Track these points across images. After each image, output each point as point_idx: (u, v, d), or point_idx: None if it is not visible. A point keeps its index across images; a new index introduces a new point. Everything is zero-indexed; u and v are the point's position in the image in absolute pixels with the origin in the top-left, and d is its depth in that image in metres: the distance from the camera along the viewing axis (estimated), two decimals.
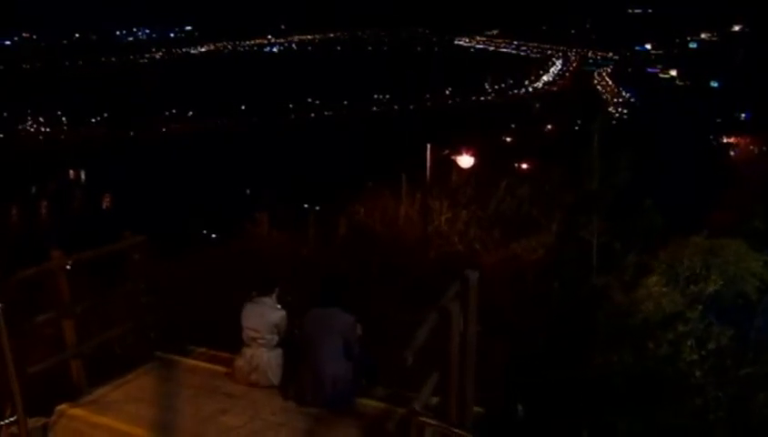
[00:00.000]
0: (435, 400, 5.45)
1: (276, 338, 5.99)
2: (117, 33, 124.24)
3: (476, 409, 5.55)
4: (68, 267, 5.55)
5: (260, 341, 5.95)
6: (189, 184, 63.00)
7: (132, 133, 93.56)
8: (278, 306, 6.05)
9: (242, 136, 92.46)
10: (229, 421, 5.49)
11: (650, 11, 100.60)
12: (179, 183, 63.19)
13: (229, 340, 6.38)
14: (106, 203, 16.93)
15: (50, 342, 6.10)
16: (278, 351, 6.02)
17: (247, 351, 6.00)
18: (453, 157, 15.38)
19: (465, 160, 15.12)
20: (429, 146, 13.89)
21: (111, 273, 6.76)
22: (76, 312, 5.78)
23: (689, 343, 6.83)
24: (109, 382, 6.11)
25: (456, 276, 5.10)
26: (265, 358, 5.95)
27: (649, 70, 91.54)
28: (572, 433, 6.39)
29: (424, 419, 4.02)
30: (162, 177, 66.00)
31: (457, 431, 4.05)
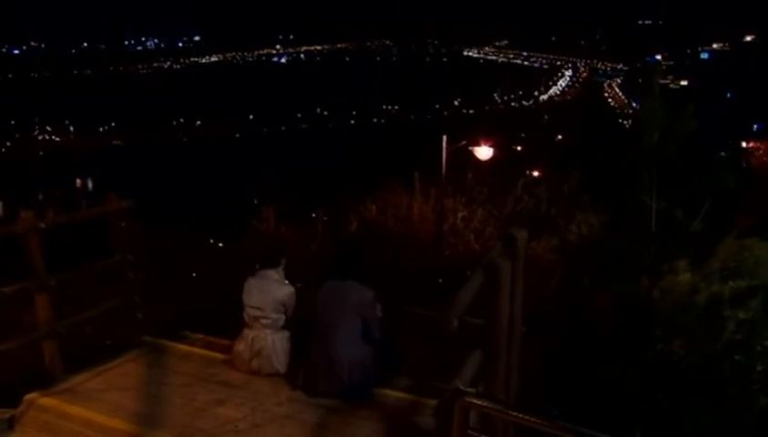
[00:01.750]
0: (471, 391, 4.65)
1: (282, 318, 5.15)
2: (126, 42, 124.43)
3: None
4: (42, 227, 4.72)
5: (264, 321, 5.10)
6: (197, 187, 62.33)
7: (141, 140, 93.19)
8: (286, 281, 5.21)
9: (249, 142, 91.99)
10: (227, 413, 4.64)
11: (660, 22, 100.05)
12: (187, 187, 62.54)
13: (229, 329, 5.58)
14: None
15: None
16: (285, 334, 5.18)
17: (249, 333, 5.15)
18: (471, 149, 14.58)
19: (484, 151, 14.30)
20: (444, 137, 13.14)
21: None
22: (51, 285, 4.94)
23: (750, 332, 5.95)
24: (88, 369, 5.27)
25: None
26: (269, 341, 5.10)
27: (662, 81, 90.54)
28: (623, 434, 5.51)
29: (472, 399, 3.14)
30: (169, 182, 65.36)
31: (514, 412, 3.18)
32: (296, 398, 4.84)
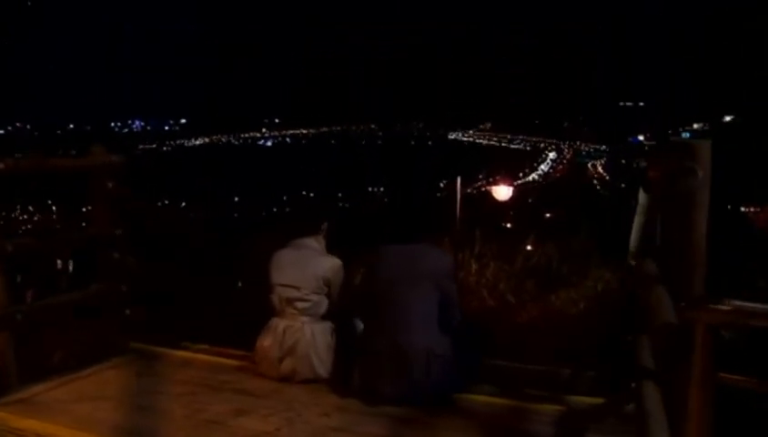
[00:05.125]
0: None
1: (324, 302, 3.76)
2: (112, 124, 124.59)
3: None
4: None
5: (300, 305, 3.71)
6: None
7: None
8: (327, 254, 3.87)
9: (234, 225, 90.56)
10: (251, 426, 3.20)
11: (641, 103, 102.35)
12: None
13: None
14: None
15: None
16: (328, 325, 3.78)
17: (279, 324, 3.75)
18: (488, 189, 13.48)
19: (502, 191, 13.22)
20: (459, 179, 12.07)
21: None
22: (6, 252, 3.54)
23: None
24: (51, 378, 3.80)
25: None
26: (307, 332, 3.69)
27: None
28: None
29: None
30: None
31: None
32: (348, 406, 3.41)
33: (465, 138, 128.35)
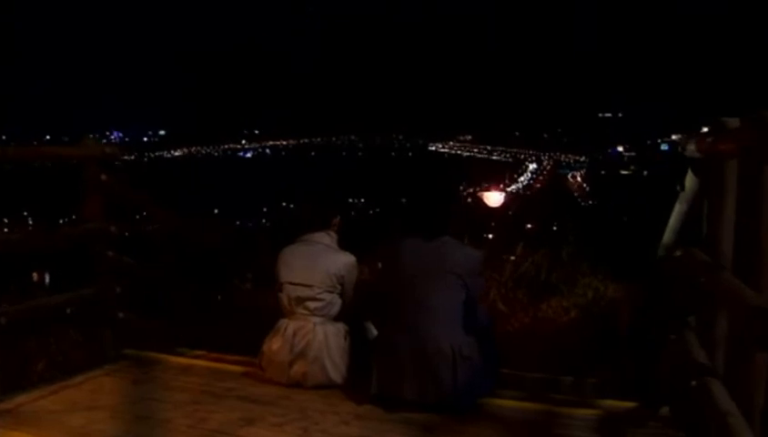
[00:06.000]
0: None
1: (338, 301, 3.49)
2: (90, 135, 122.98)
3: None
4: None
5: (312, 305, 3.43)
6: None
7: None
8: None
9: None
10: (261, 435, 2.93)
11: (620, 115, 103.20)
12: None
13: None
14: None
15: None
16: (341, 327, 3.52)
17: (289, 325, 3.47)
18: (480, 195, 13.31)
19: (494, 197, 13.03)
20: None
21: None
22: None
23: None
24: (38, 387, 3.48)
25: None
26: (319, 334, 3.42)
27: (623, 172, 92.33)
28: None
29: None
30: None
31: None
32: (367, 413, 3.14)
33: (445, 150, 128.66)
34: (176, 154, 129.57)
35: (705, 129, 3.01)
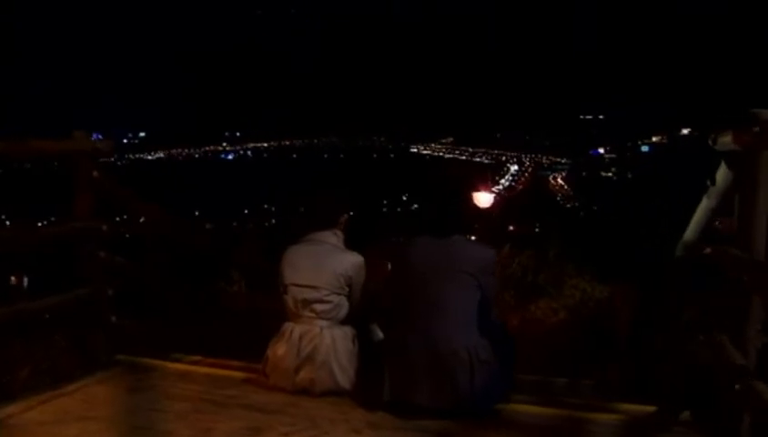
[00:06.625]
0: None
1: (345, 303, 3.33)
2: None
3: None
4: None
5: (319, 308, 3.26)
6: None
7: None
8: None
9: None
10: None
11: (600, 117, 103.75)
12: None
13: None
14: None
15: None
16: (349, 330, 3.35)
17: (295, 329, 3.29)
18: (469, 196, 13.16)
19: (483, 197, 12.92)
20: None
21: None
22: None
23: None
24: (28, 396, 3.27)
25: None
26: (327, 339, 3.25)
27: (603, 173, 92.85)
28: None
29: None
30: None
31: None
32: (380, 421, 2.98)
33: (427, 152, 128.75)
34: (158, 156, 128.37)
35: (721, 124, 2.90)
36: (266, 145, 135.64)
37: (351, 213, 3.57)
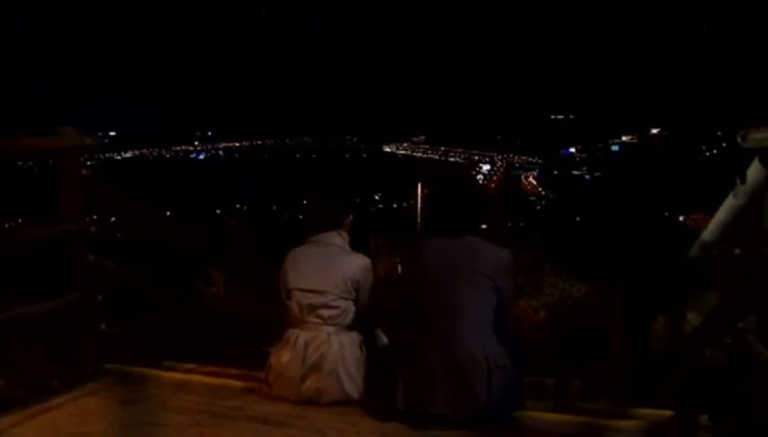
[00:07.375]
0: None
1: (352, 308, 3.17)
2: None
3: None
4: None
5: (325, 313, 3.10)
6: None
7: None
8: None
9: None
10: None
11: (571, 116, 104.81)
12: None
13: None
14: None
15: None
16: (356, 336, 3.19)
17: (300, 336, 3.13)
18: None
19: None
20: (419, 184, 11.66)
21: None
22: None
23: None
24: (13, 411, 3.06)
25: None
26: (334, 345, 3.09)
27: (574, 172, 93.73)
28: None
29: None
30: None
31: None
32: (393, 431, 2.83)
33: (400, 152, 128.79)
34: (127, 155, 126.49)
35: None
36: (237, 145, 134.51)
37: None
